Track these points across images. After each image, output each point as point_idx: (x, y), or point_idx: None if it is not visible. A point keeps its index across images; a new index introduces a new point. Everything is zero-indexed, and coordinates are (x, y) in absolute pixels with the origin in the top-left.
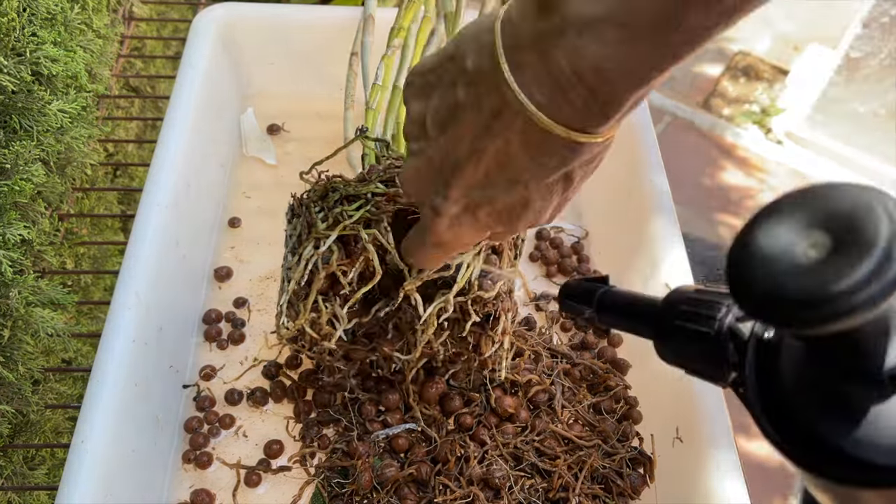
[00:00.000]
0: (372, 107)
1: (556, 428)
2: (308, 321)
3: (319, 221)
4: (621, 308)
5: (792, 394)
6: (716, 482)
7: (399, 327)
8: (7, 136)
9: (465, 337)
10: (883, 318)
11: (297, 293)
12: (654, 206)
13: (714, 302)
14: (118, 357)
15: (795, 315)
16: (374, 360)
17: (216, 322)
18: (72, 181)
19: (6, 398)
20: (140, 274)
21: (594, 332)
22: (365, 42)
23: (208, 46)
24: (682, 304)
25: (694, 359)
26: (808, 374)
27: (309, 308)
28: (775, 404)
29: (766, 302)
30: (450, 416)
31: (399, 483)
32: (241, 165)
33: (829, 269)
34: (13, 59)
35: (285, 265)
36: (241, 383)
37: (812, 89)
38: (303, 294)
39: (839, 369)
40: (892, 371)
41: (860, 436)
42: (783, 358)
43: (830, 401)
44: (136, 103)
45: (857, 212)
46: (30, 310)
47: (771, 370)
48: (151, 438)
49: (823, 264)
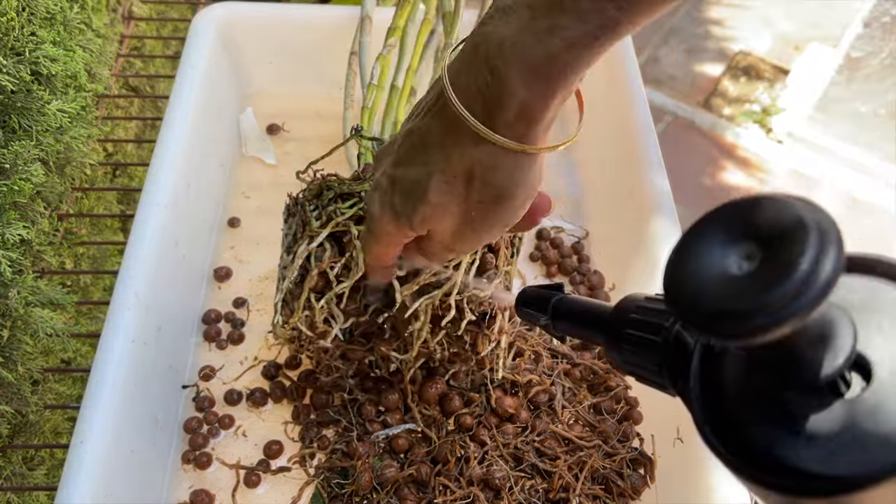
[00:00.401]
0: (367, 106)
1: (557, 428)
2: (302, 319)
3: (313, 220)
4: (575, 315)
5: (733, 403)
6: (716, 482)
7: (396, 327)
8: (6, 135)
9: (461, 336)
10: (818, 327)
11: (291, 292)
12: (654, 206)
13: (662, 311)
14: (117, 357)
15: (725, 327)
16: (373, 361)
17: (215, 322)
18: (71, 181)
19: (5, 398)
20: (139, 274)
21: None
22: (363, 42)
23: (208, 46)
24: (631, 312)
25: (643, 366)
26: (749, 382)
27: (302, 306)
28: (717, 413)
29: (697, 314)
30: (450, 416)
31: (399, 483)
32: (241, 165)
33: (757, 281)
34: (12, 58)
35: (281, 264)
36: (240, 384)
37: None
38: (297, 292)
39: (778, 378)
40: (828, 378)
41: (798, 444)
42: (726, 367)
43: (770, 409)
44: (136, 103)
45: (786, 224)
46: (29, 310)
47: (714, 379)
48: (151, 439)
49: (753, 276)
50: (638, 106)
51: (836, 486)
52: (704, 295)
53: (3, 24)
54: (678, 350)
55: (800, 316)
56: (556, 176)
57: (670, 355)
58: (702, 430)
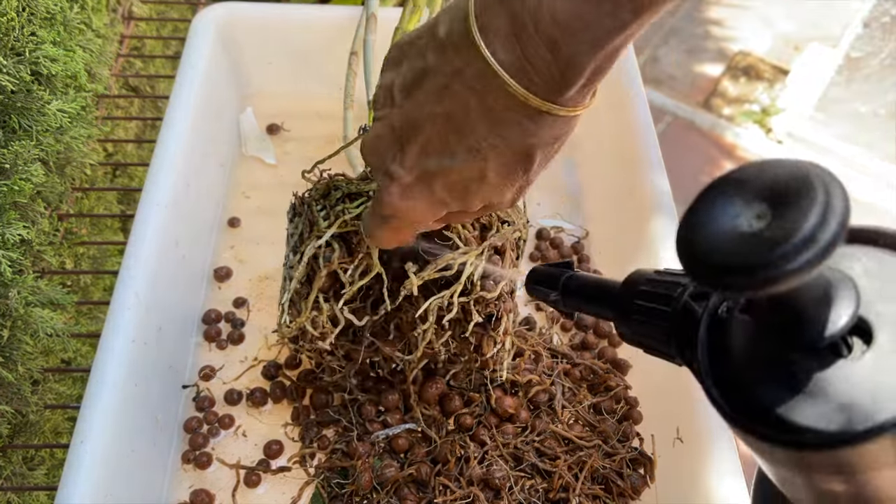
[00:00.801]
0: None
1: (557, 428)
2: (309, 320)
3: (321, 220)
4: (584, 291)
5: (739, 366)
6: (716, 482)
7: (400, 327)
8: (6, 135)
9: (466, 337)
10: (821, 286)
11: (298, 292)
12: (654, 205)
13: (671, 282)
14: (118, 357)
15: (733, 280)
16: (377, 361)
17: (216, 322)
18: (71, 181)
19: (6, 398)
20: (140, 274)
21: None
22: (367, 40)
23: (208, 46)
24: (641, 284)
25: (652, 336)
26: (755, 346)
27: (310, 306)
28: (724, 376)
29: (711, 269)
30: (450, 416)
31: (399, 483)
32: (241, 165)
33: (765, 239)
34: (12, 58)
35: (287, 264)
36: (240, 383)
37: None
38: (304, 293)
39: (782, 339)
40: (831, 338)
41: (801, 402)
42: (732, 334)
43: (775, 370)
44: (136, 103)
45: (795, 182)
46: (29, 310)
47: (721, 344)
48: (151, 439)
49: (761, 234)
50: (638, 106)
51: (835, 439)
52: (716, 251)
53: (4, 24)
54: (686, 319)
55: (802, 272)
56: (556, 176)
57: (678, 324)
58: (709, 392)
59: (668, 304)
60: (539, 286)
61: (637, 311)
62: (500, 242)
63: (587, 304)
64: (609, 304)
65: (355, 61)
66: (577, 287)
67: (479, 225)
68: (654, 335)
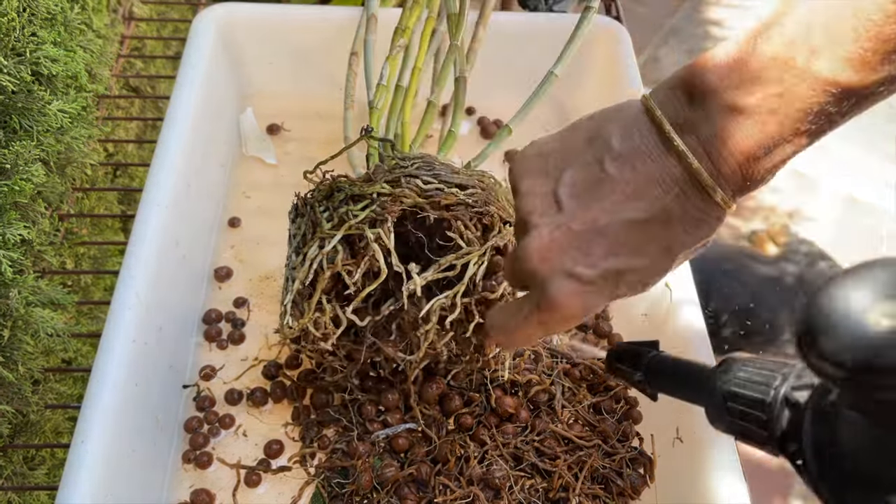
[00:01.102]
0: (376, 107)
1: (556, 428)
2: (312, 321)
3: (324, 221)
4: (671, 374)
5: (853, 462)
6: (716, 482)
7: (402, 328)
8: (7, 136)
9: (468, 338)
10: None
11: (301, 293)
12: None
13: (769, 370)
14: (118, 357)
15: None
16: (378, 361)
17: (216, 322)
18: (72, 181)
19: (6, 398)
20: (140, 274)
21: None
22: (368, 40)
23: (208, 46)
24: (737, 371)
25: (748, 426)
26: (870, 441)
27: (313, 307)
28: (836, 473)
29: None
30: (450, 416)
31: (399, 483)
32: (241, 165)
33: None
34: (13, 59)
35: (289, 265)
36: (240, 383)
37: None
38: (307, 294)
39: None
40: None
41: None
42: (842, 427)
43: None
44: (136, 103)
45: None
46: (30, 310)
47: (829, 439)
48: (151, 438)
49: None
50: None
51: None
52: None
53: (4, 25)
54: (788, 410)
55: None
56: None
57: (778, 415)
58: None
59: (766, 394)
60: (622, 364)
61: (732, 399)
62: (502, 243)
63: (676, 389)
64: (700, 388)
65: (356, 61)
66: (662, 369)
67: (481, 226)
68: (751, 425)
